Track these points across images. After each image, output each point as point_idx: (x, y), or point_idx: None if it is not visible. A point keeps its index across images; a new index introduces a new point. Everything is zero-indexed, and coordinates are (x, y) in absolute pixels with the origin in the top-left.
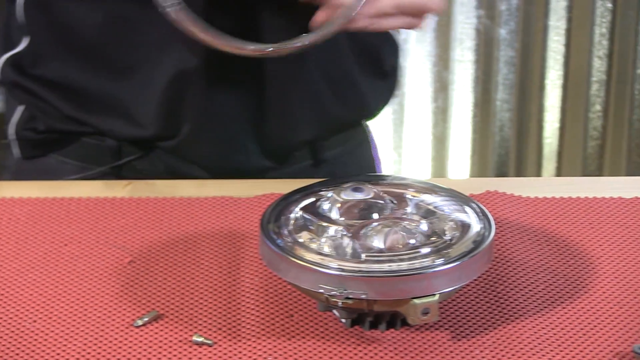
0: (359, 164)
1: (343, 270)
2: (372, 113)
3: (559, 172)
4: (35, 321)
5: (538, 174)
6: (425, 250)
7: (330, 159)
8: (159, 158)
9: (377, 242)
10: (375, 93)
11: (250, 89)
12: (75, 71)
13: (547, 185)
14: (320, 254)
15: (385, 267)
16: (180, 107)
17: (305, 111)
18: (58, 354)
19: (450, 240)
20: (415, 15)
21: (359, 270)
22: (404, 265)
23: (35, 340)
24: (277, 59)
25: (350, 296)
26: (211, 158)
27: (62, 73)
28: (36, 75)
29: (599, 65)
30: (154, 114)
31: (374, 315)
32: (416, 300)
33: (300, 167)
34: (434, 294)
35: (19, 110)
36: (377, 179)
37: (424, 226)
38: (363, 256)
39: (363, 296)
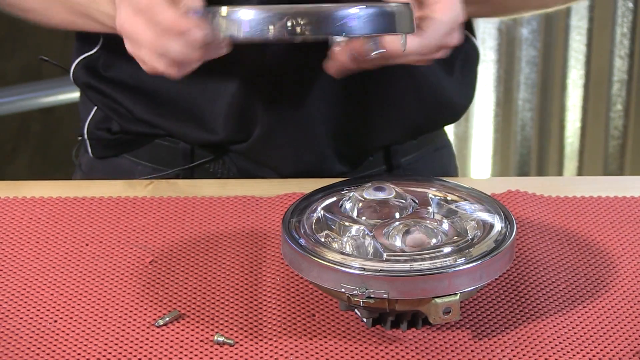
0: (434, 171)
1: (365, 269)
2: (449, 118)
3: (581, 172)
4: (56, 321)
5: (559, 173)
6: (446, 249)
7: (404, 164)
8: (231, 161)
9: (399, 242)
10: (452, 97)
11: (327, 91)
12: (148, 74)
13: (568, 185)
14: (342, 253)
15: (407, 266)
16: (251, 111)
17: (386, 115)
18: (79, 354)
19: (472, 239)
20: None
21: (381, 270)
22: (426, 264)
23: (56, 340)
24: None
25: (372, 295)
26: (283, 161)
27: (135, 76)
28: (109, 77)
29: (620, 65)
30: (225, 118)
31: (396, 315)
32: (437, 300)
33: (374, 173)
34: (456, 294)
35: (93, 110)
36: (399, 178)
37: (445, 225)
38: (385, 255)
39: (384, 295)
